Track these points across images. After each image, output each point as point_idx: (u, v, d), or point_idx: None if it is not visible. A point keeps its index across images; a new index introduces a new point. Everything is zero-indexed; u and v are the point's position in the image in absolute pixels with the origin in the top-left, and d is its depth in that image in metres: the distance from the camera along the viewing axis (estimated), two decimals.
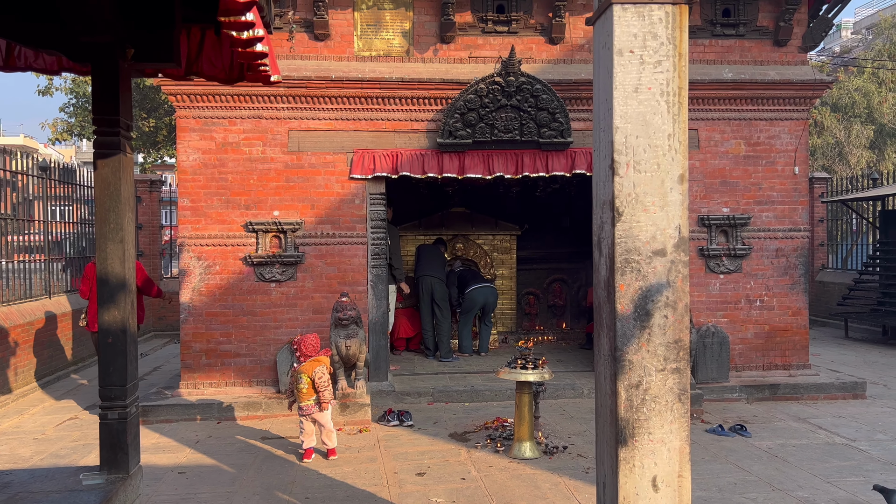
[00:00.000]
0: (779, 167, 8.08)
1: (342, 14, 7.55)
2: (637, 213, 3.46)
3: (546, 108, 7.48)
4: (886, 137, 20.17)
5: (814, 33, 8.11)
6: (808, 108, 8.15)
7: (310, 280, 7.51)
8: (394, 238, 8.71)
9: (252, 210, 7.44)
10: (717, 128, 7.99)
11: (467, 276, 9.43)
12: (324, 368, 5.80)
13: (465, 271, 9.62)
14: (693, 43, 7.91)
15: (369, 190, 7.60)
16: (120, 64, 3.45)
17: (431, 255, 9.42)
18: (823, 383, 7.89)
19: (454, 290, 9.33)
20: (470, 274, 9.54)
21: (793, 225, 8.10)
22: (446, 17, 7.47)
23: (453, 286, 9.35)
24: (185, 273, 7.37)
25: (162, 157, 19.04)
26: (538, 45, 7.84)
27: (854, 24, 39.48)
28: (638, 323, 3.47)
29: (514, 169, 7.67)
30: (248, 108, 7.40)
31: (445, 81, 7.53)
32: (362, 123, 7.58)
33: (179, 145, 7.40)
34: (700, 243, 7.99)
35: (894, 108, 19.99)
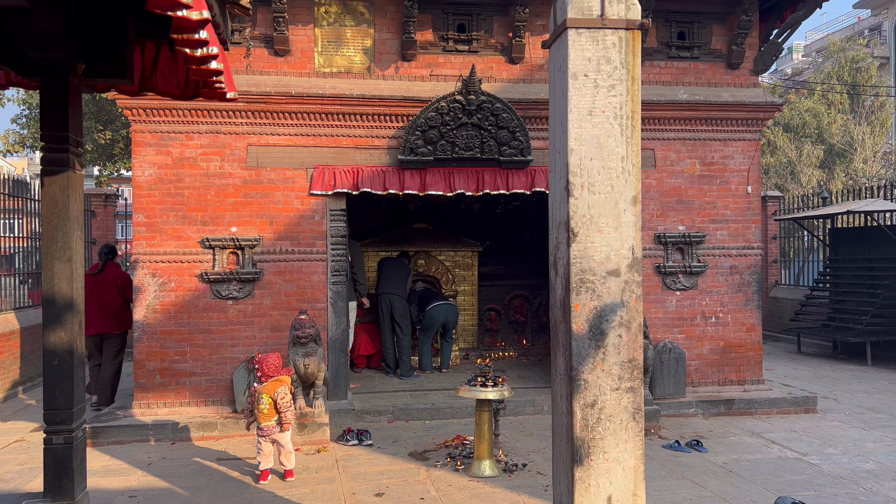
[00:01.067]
0: (732, 186, 8.28)
1: (303, 30, 7.53)
2: (592, 233, 3.51)
3: (506, 126, 7.55)
4: (835, 157, 20.84)
5: (765, 57, 8.36)
6: (759, 130, 8.38)
7: (268, 297, 7.42)
8: (357, 253, 8.68)
9: (209, 226, 7.33)
10: (672, 147, 8.16)
11: (428, 295, 9.43)
12: (286, 389, 5.72)
13: (426, 290, 9.62)
14: (649, 64, 8.08)
15: (329, 206, 7.55)
16: (70, 79, 3.38)
17: (394, 270, 9.38)
18: (776, 398, 8.06)
19: (415, 308, 9.31)
20: (431, 292, 9.54)
21: (746, 243, 8.29)
22: (407, 35, 7.51)
23: (414, 304, 9.33)
24: (140, 290, 7.21)
25: (118, 170, 18.66)
26: (499, 65, 7.92)
27: (805, 48, 40.85)
28: (593, 342, 3.50)
29: (475, 186, 7.71)
30: (206, 123, 7.30)
31: (407, 99, 7.55)
32: (323, 139, 7.54)
33: (135, 160, 7.26)
34: (657, 260, 8.13)
35: (842, 129, 20.68)
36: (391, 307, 9.08)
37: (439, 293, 9.61)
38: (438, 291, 9.72)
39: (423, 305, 9.26)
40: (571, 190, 3.50)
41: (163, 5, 2.62)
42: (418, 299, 9.38)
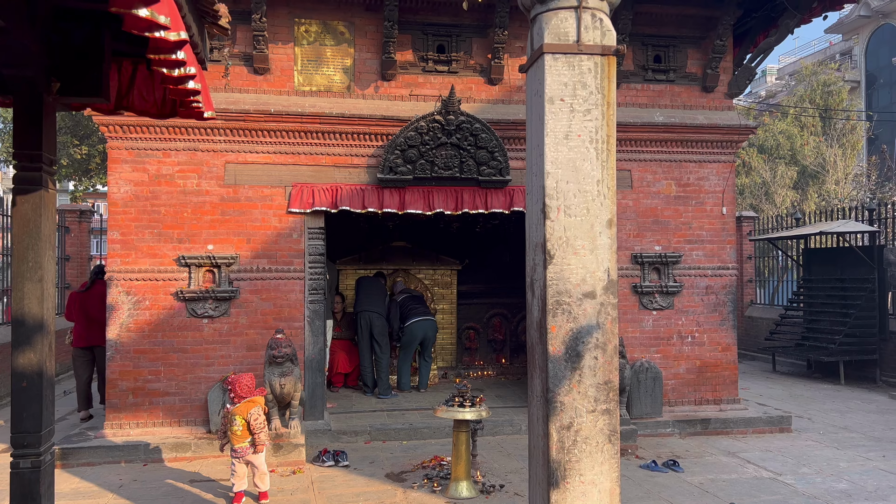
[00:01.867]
0: (708, 207, 8.39)
1: (283, 49, 7.54)
2: (568, 255, 3.53)
3: (485, 146, 7.60)
4: (808, 178, 21.22)
5: (738, 81, 8.52)
6: (734, 152, 8.52)
7: (244, 316, 7.35)
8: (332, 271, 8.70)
9: (185, 244, 7.26)
10: (649, 169, 8.26)
11: (409, 306, 9.35)
12: (259, 409, 5.65)
13: (408, 299, 9.49)
14: (626, 87, 8.20)
15: (308, 224, 7.52)
16: (44, 97, 3.34)
17: (372, 288, 9.36)
18: (752, 417, 8.12)
19: (396, 321, 9.25)
20: (412, 302, 9.43)
21: (721, 263, 8.39)
22: (387, 56, 7.55)
23: (395, 317, 9.27)
24: (113, 308, 7.11)
25: (94, 185, 18.45)
26: (478, 86, 7.99)
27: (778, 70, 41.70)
28: (569, 364, 3.51)
29: (454, 205, 7.74)
30: (183, 140, 7.26)
31: (386, 118, 7.57)
32: (302, 157, 7.53)
33: (110, 177, 7.19)
34: (634, 280, 8.19)
35: (815, 151, 21.09)
36: (370, 325, 9.04)
37: (420, 307, 9.52)
38: (420, 304, 9.60)
39: (405, 318, 9.20)
40: (548, 212, 3.53)
41: (140, 26, 2.60)
42: (399, 310, 9.30)
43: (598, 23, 3.47)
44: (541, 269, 3.58)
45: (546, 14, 3.49)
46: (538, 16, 3.55)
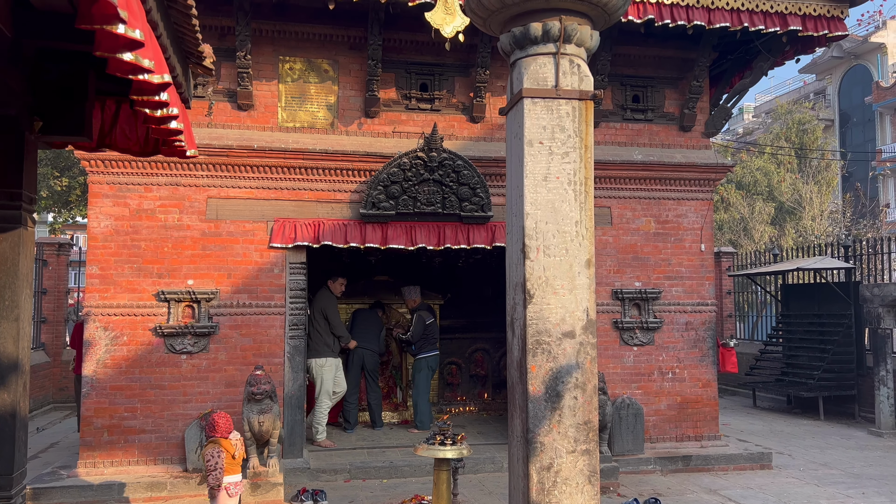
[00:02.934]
0: (686, 244, 8.50)
1: (267, 85, 7.61)
2: (547, 295, 3.57)
3: (467, 183, 7.68)
4: (786, 214, 21.58)
5: (715, 120, 8.71)
6: (712, 190, 8.66)
7: (223, 352, 7.28)
8: (331, 304, 8.57)
9: (165, 279, 7.21)
10: (628, 206, 8.37)
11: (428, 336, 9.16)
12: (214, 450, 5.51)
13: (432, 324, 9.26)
14: (605, 126, 8.35)
15: (289, 259, 7.51)
16: (26, 136, 3.35)
17: (367, 322, 9.25)
18: (733, 454, 8.13)
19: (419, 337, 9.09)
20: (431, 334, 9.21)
21: (700, 299, 8.47)
22: (371, 93, 7.64)
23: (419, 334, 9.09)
24: (90, 344, 7.01)
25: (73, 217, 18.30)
26: (460, 123, 8.09)
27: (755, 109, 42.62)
28: (549, 404, 3.52)
29: (437, 241, 7.77)
30: (165, 175, 7.26)
31: (369, 154, 7.63)
32: (284, 193, 7.56)
33: (91, 211, 7.16)
34: (614, 316, 8.24)
35: (792, 188, 21.49)
36: (363, 361, 8.96)
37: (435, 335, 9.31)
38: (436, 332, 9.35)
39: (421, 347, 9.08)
40: (527, 252, 3.57)
41: (124, 69, 2.64)
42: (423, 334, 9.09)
43: (576, 69, 3.56)
44: (521, 309, 3.60)
45: (525, 59, 3.58)
46: (518, 61, 3.63)
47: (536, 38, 3.49)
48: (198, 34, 3.52)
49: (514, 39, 3.58)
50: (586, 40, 3.56)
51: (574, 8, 3.45)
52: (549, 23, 3.44)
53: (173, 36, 3.43)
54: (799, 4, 7.52)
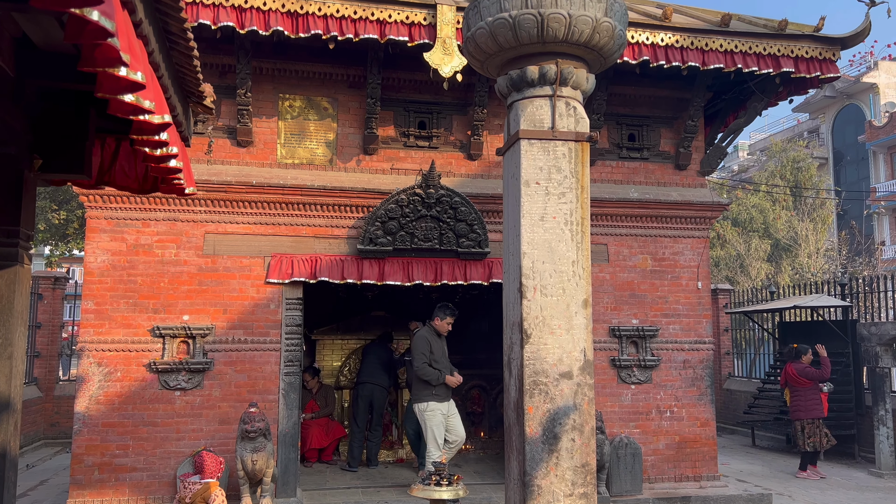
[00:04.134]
0: (683, 282, 8.50)
1: (266, 122, 7.68)
2: (544, 335, 3.55)
3: (464, 219, 7.71)
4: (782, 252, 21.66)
5: (710, 159, 8.79)
6: (707, 228, 8.70)
7: (217, 388, 7.21)
8: (434, 342, 7.46)
9: (161, 314, 7.18)
10: (625, 243, 8.40)
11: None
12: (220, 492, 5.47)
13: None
14: (601, 164, 8.42)
15: (286, 295, 7.49)
16: (25, 174, 3.37)
17: (376, 356, 9.13)
18: (732, 495, 8.02)
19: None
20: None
21: (698, 337, 8.45)
22: (370, 131, 7.71)
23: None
24: (83, 380, 6.95)
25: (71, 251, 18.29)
26: (457, 160, 8.16)
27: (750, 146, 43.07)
28: (546, 446, 3.48)
29: (434, 276, 7.77)
30: (163, 210, 7.28)
31: (367, 191, 7.67)
32: (282, 228, 7.57)
33: (88, 246, 7.15)
34: (612, 353, 8.20)
35: (787, 225, 21.60)
36: (371, 398, 8.83)
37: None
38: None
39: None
40: (524, 292, 3.57)
41: (124, 110, 2.66)
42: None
43: (572, 111, 3.60)
44: (518, 349, 3.59)
45: (522, 101, 3.62)
46: (514, 103, 3.68)
47: (533, 81, 3.54)
48: (199, 74, 3.56)
49: (510, 82, 3.63)
50: (582, 83, 3.61)
51: (570, 52, 3.50)
52: (545, 66, 3.50)
53: (174, 76, 3.47)
54: (791, 47, 7.65)
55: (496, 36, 3.41)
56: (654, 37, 7.30)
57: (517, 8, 3.30)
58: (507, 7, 3.31)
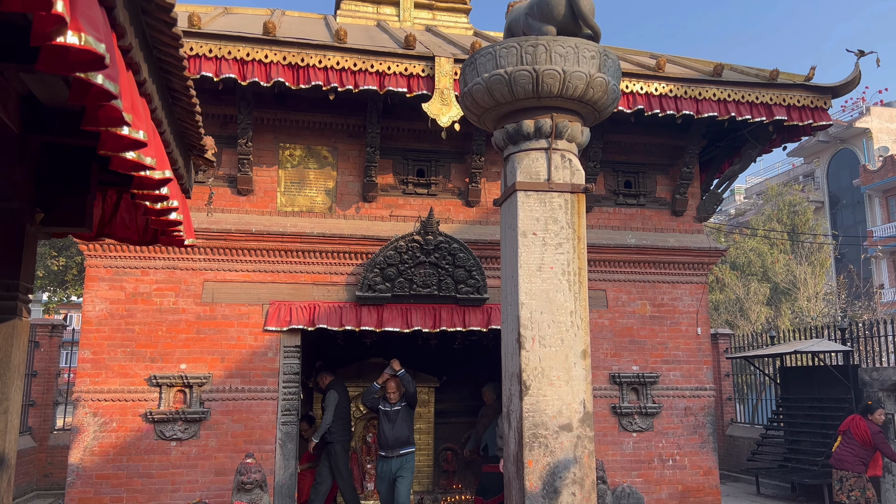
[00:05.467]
0: (683, 327, 8.48)
1: (267, 171, 7.76)
2: (543, 387, 3.54)
3: (463, 265, 7.73)
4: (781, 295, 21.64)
5: (707, 205, 8.86)
6: (706, 273, 8.72)
7: (214, 438, 7.12)
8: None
9: (158, 363, 7.14)
10: (623, 289, 8.40)
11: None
12: None
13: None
14: (598, 210, 8.48)
15: (284, 342, 7.46)
16: (26, 228, 3.39)
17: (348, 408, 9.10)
18: None
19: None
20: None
21: (699, 384, 8.39)
22: (369, 178, 7.79)
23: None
24: (78, 430, 6.87)
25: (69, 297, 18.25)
26: (456, 207, 8.22)
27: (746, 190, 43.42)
28: (547, 501, 3.43)
29: (433, 323, 7.76)
30: (163, 259, 7.30)
31: (366, 238, 7.71)
32: (281, 276, 7.58)
33: (86, 295, 7.15)
34: (612, 401, 8.13)
35: (785, 269, 21.64)
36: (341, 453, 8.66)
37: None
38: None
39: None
40: (523, 342, 3.56)
41: (126, 166, 2.70)
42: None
43: (568, 163, 3.65)
44: (517, 401, 3.56)
45: (518, 154, 3.68)
46: (511, 155, 3.73)
47: (529, 135, 3.60)
48: (200, 129, 3.62)
49: (507, 135, 3.69)
50: (577, 136, 3.67)
51: (565, 106, 3.57)
52: (540, 120, 3.56)
53: (176, 131, 3.52)
54: (783, 96, 7.79)
55: (492, 91, 3.48)
56: (649, 86, 7.44)
57: (512, 65, 3.38)
58: (502, 64, 3.38)
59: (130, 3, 2.44)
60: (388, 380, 7.78)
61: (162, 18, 2.62)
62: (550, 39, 3.53)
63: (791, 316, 20.78)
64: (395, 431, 7.56)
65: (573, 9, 3.63)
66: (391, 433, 7.55)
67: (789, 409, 12.84)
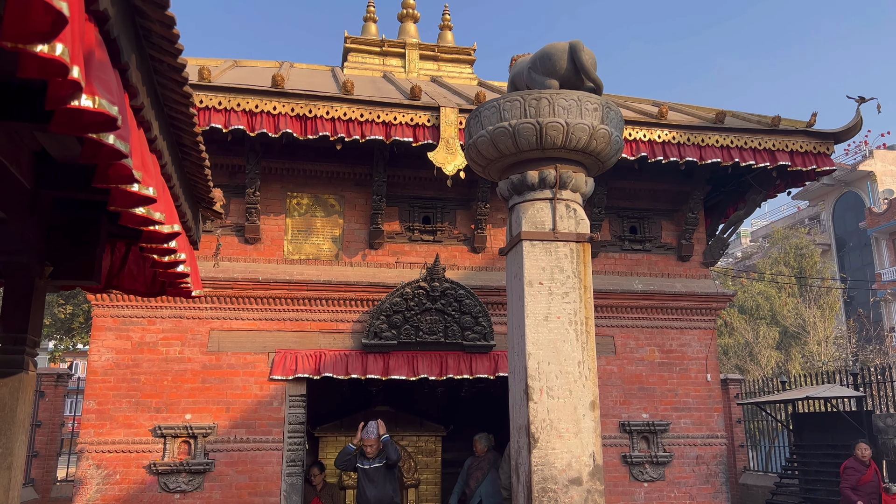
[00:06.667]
0: (692, 374, 8.39)
1: (274, 220, 7.83)
2: (552, 439, 3.49)
3: (469, 312, 7.71)
4: (791, 339, 21.43)
5: (713, 251, 8.86)
6: (714, 319, 8.67)
7: (218, 490, 7.02)
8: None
9: (163, 413, 7.08)
10: (631, 335, 8.35)
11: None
12: None
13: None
14: (604, 256, 8.49)
15: (289, 391, 7.41)
16: (35, 281, 3.41)
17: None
18: None
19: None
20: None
21: (710, 432, 8.25)
22: (375, 226, 7.84)
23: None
24: (81, 483, 6.78)
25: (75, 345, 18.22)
26: (462, 254, 8.24)
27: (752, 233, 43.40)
28: None
29: (439, 370, 7.71)
30: (169, 308, 7.32)
31: (372, 285, 7.72)
32: (287, 324, 7.58)
33: (93, 345, 7.15)
34: (623, 450, 7.99)
35: (794, 312, 21.47)
36: None
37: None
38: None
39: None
40: (531, 394, 3.53)
41: (136, 221, 2.73)
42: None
43: (573, 212, 3.67)
44: (525, 454, 3.51)
45: (523, 204, 3.71)
46: (516, 205, 3.76)
47: (533, 185, 3.63)
48: (209, 182, 3.67)
49: (512, 186, 3.73)
50: (581, 186, 3.70)
51: (568, 157, 3.61)
52: (545, 171, 3.60)
53: (186, 184, 3.57)
54: (786, 142, 7.85)
55: (497, 143, 3.53)
56: (651, 134, 7.52)
57: (516, 117, 3.43)
58: (506, 116, 3.44)
59: (143, 64, 2.50)
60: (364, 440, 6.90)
61: (173, 78, 2.69)
62: (553, 93, 3.59)
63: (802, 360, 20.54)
64: (377, 492, 6.71)
65: (575, 63, 3.70)
66: (374, 494, 6.71)
67: (803, 457, 12.56)
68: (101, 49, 2.01)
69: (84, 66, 1.77)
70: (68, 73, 1.67)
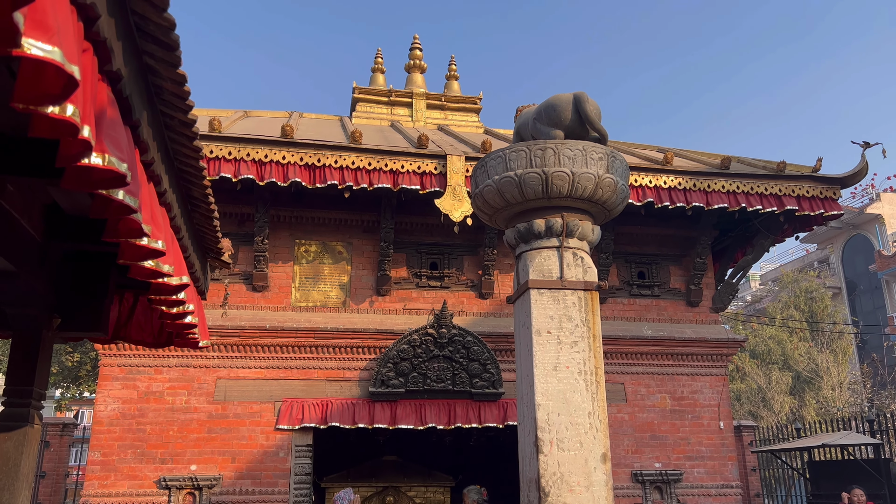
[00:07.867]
0: (704, 421, 8.24)
1: (282, 267, 7.85)
2: (563, 493, 3.41)
3: (477, 359, 7.65)
4: (804, 384, 21.10)
5: (722, 296, 8.80)
6: (725, 364, 8.56)
7: None
8: None
9: (168, 464, 6.99)
10: (642, 382, 8.24)
11: None
12: None
13: None
14: (613, 301, 8.44)
15: (295, 441, 7.32)
16: (43, 334, 3.41)
17: None
18: None
19: None
20: None
21: (724, 481, 8.07)
22: (383, 272, 7.84)
23: None
24: None
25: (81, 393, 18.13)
26: (469, 299, 8.22)
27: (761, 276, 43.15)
28: None
29: (447, 419, 7.60)
30: (176, 357, 7.29)
31: (380, 331, 7.69)
32: (293, 372, 7.53)
33: (99, 395, 7.11)
34: (635, 500, 7.81)
35: (806, 357, 21.19)
36: None
37: None
38: None
39: None
40: (541, 446, 3.47)
41: (144, 273, 2.74)
42: None
43: (580, 261, 3.67)
44: None
45: (530, 252, 3.71)
46: (523, 253, 3.76)
47: (540, 234, 3.64)
48: (218, 233, 3.70)
49: (518, 234, 3.73)
50: (588, 234, 3.70)
51: (575, 206, 3.63)
52: (551, 219, 3.61)
53: (194, 235, 3.60)
54: (793, 187, 7.87)
55: (503, 193, 3.55)
56: (657, 180, 7.55)
57: (522, 167, 3.46)
58: (512, 166, 3.47)
59: (154, 120, 2.54)
60: None
61: (184, 133, 2.73)
62: (559, 143, 3.62)
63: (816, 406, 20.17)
64: None
65: (580, 114, 3.75)
66: None
67: None
68: (113, 107, 2.04)
69: (95, 125, 1.80)
70: (78, 132, 1.70)
